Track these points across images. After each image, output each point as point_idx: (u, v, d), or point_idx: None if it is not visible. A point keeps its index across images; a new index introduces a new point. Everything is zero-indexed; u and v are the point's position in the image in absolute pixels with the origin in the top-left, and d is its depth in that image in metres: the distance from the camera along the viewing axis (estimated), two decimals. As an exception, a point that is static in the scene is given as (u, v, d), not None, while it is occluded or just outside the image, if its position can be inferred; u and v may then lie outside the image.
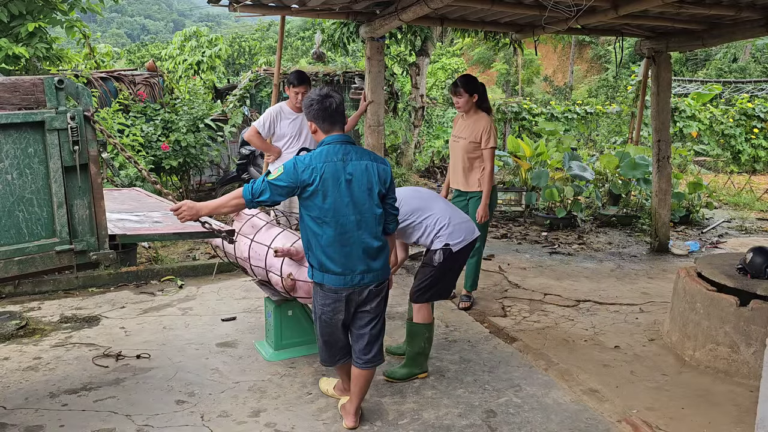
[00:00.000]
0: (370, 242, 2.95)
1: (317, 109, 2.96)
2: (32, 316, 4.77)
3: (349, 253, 2.92)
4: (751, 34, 5.75)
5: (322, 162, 2.86)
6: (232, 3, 5.02)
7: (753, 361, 3.69)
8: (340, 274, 2.93)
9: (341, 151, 2.91)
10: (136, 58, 24.78)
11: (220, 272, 5.90)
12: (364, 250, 2.94)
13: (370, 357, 3.11)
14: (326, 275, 2.95)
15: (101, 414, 3.29)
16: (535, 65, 28.41)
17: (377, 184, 2.95)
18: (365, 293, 3.00)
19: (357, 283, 2.96)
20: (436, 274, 3.61)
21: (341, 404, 3.31)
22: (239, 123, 9.74)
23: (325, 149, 2.91)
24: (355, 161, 2.91)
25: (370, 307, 3.05)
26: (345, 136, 3.00)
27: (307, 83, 5.04)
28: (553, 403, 3.45)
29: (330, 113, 2.96)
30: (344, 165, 2.88)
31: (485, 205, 4.72)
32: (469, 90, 4.71)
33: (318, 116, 2.97)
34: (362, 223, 2.92)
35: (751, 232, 8.19)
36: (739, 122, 14.84)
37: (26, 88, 2.68)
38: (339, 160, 2.88)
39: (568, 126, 14.66)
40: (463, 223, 3.69)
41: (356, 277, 2.95)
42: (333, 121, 2.98)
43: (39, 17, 7.05)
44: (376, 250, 2.99)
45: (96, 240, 2.85)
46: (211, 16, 77.12)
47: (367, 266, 2.96)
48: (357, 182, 2.89)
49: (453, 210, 3.75)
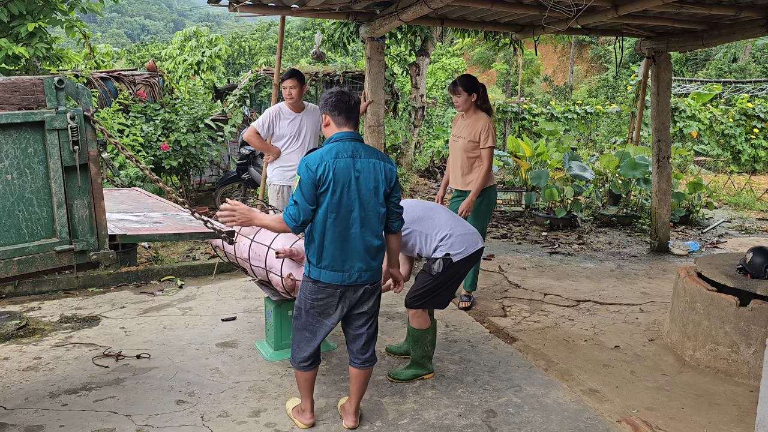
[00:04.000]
0: (371, 240, 2.96)
1: (335, 101, 2.98)
2: (32, 316, 4.77)
3: (350, 249, 2.93)
4: (751, 34, 5.74)
5: (333, 158, 2.87)
6: (232, 3, 5.02)
7: (753, 361, 3.69)
8: (339, 270, 2.93)
9: (351, 148, 2.92)
10: (136, 58, 24.80)
11: (220, 272, 5.90)
12: (366, 248, 2.95)
13: (367, 356, 3.12)
14: (323, 271, 2.95)
15: (101, 414, 3.29)
16: (535, 65, 28.42)
17: (383, 182, 2.96)
18: (360, 291, 3.00)
19: (354, 281, 2.96)
20: (434, 283, 3.55)
21: (340, 404, 3.31)
22: (239, 123, 9.74)
23: (336, 146, 2.92)
24: (363, 159, 2.92)
25: (366, 307, 3.06)
26: (355, 133, 3.02)
27: (297, 77, 5.00)
28: (553, 403, 3.45)
29: (347, 108, 2.98)
30: (353, 162, 2.89)
31: (471, 201, 4.70)
32: (468, 89, 4.71)
33: (335, 108, 2.98)
34: (366, 221, 2.94)
35: (751, 232, 8.19)
36: (739, 122, 14.85)
37: (26, 88, 2.68)
38: (349, 156, 2.89)
39: (568, 126, 14.67)
40: (467, 234, 3.60)
41: (354, 274, 2.95)
42: (348, 117, 2.99)
43: (39, 17, 7.05)
44: (376, 249, 3.00)
45: (96, 240, 2.84)
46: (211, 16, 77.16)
47: (366, 264, 2.97)
48: (364, 180, 2.91)
49: (456, 221, 3.68)
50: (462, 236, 3.57)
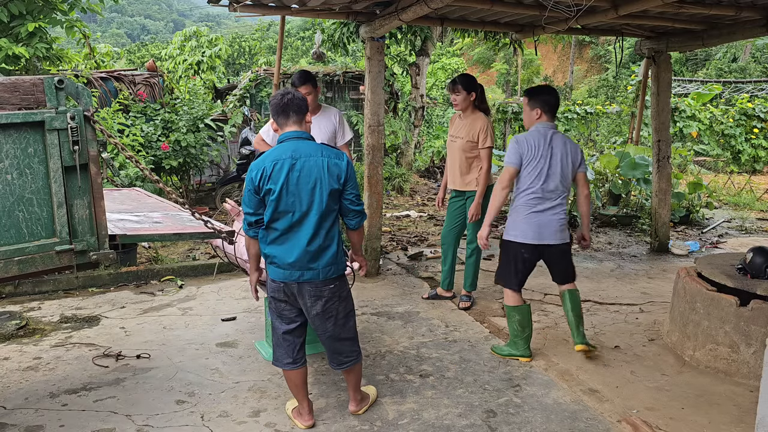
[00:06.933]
0: (313, 240, 2.92)
1: (274, 104, 3.00)
2: (32, 316, 4.78)
3: (292, 249, 2.92)
4: (751, 34, 5.74)
5: (272, 161, 2.88)
6: (232, 3, 5.01)
7: (753, 361, 3.69)
8: (283, 268, 2.95)
9: (291, 148, 2.91)
10: (136, 58, 24.81)
11: (220, 272, 5.90)
12: (307, 247, 2.91)
13: (341, 359, 3.15)
14: (271, 267, 3.00)
15: (101, 414, 3.29)
16: (535, 65, 28.42)
17: (327, 180, 2.90)
18: (306, 291, 2.96)
19: (296, 279, 2.95)
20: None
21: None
22: (239, 123, 9.75)
23: (278, 148, 2.94)
24: (303, 158, 2.89)
25: (319, 308, 2.99)
26: (298, 132, 2.99)
27: (310, 83, 4.63)
28: (553, 403, 3.45)
29: (283, 108, 2.98)
30: (292, 162, 2.87)
31: (478, 204, 4.72)
32: (466, 88, 4.71)
33: (274, 112, 3.01)
34: (307, 221, 2.90)
35: (751, 232, 8.19)
36: (739, 122, 14.85)
37: (26, 88, 2.68)
38: (287, 157, 2.88)
39: (568, 126, 14.67)
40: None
41: (295, 273, 2.94)
42: (287, 116, 2.99)
43: (39, 17, 7.05)
44: (319, 249, 2.94)
45: (96, 240, 2.84)
46: (211, 16, 77.20)
47: (307, 264, 2.93)
48: (304, 179, 2.88)
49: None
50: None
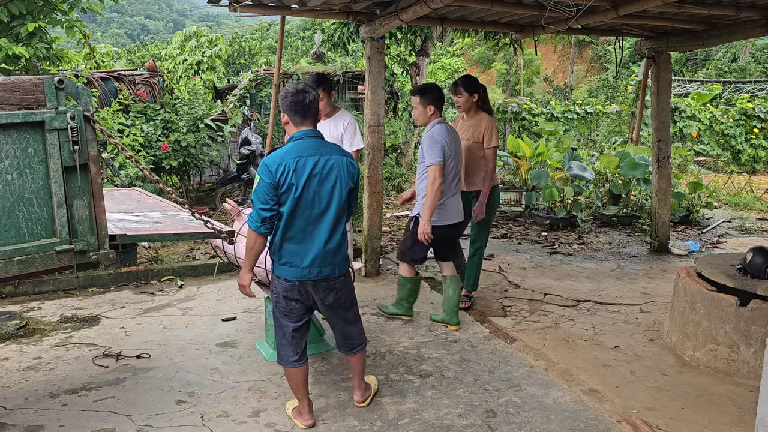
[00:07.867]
0: (332, 237, 2.99)
1: (290, 102, 3.00)
2: (32, 316, 4.77)
3: (311, 246, 2.96)
4: (751, 34, 5.74)
5: (294, 156, 2.90)
6: (232, 3, 5.01)
7: (753, 361, 3.69)
8: (299, 266, 2.96)
9: (311, 146, 2.95)
10: (136, 58, 24.80)
11: (220, 272, 5.90)
12: (327, 244, 2.98)
13: (353, 343, 3.26)
14: (284, 268, 2.99)
15: (101, 414, 3.29)
16: (535, 65, 28.42)
17: (346, 179, 3.00)
18: (323, 286, 3.02)
19: (314, 277, 2.98)
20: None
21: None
22: (239, 123, 9.75)
23: (296, 145, 2.96)
24: (324, 156, 2.95)
25: (333, 299, 3.08)
26: (314, 131, 3.04)
27: (322, 86, 4.46)
28: (553, 403, 3.45)
29: (302, 107, 2.99)
30: (314, 160, 2.92)
31: (483, 203, 4.73)
32: (469, 89, 4.71)
33: (290, 109, 3.01)
34: (327, 218, 2.97)
35: (751, 232, 8.19)
36: (739, 122, 14.85)
37: (26, 88, 2.68)
38: (309, 155, 2.92)
39: (568, 126, 14.67)
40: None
41: (314, 270, 2.98)
42: (305, 116, 3.01)
43: (39, 17, 7.05)
44: (338, 245, 3.03)
45: (96, 240, 2.84)
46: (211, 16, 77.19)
47: (326, 260, 2.99)
48: (325, 177, 2.94)
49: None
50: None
